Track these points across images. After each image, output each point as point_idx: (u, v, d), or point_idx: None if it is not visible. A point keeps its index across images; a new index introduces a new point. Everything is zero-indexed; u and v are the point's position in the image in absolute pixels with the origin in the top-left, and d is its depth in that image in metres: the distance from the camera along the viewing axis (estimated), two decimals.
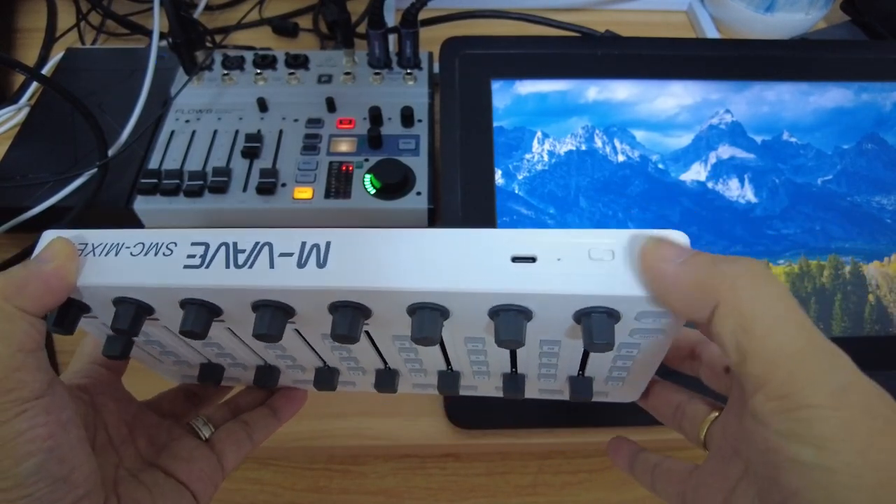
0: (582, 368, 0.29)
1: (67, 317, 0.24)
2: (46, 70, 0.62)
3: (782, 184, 0.49)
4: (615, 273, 0.21)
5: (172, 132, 0.52)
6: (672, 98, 0.51)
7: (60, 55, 0.61)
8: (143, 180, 0.48)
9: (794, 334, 0.19)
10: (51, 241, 0.24)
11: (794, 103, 0.51)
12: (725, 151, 0.50)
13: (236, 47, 0.65)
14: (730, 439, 0.24)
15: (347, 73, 0.57)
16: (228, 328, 0.26)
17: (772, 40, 0.60)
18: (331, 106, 0.54)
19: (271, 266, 0.22)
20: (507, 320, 0.22)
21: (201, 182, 0.48)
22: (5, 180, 0.49)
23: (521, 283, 0.21)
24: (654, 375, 0.29)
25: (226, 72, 0.57)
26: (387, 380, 0.30)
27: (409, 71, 0.57)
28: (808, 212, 0.48)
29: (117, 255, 0.23)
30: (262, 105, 0.54)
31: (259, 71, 0.57)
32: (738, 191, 0.48)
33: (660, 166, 0.49)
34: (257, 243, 0.23)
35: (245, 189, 0.49)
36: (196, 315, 0.23)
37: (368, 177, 0.49)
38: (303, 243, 0.23)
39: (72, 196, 0.48)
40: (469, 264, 0.21)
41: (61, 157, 0.51)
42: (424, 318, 0.22)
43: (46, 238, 0.24)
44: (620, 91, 0.51)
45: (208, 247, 0.23)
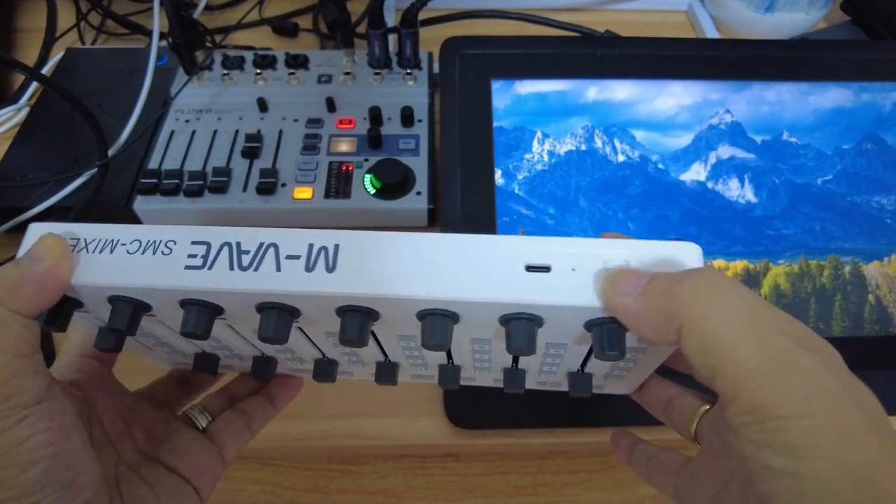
0: (582, 366, 0.29)
1: (60, 314, 0.23)
2: (46, 70, 0.62)
3: (782, 184, 0.49)
4: None
5: (172, 132, 0.52)
6: (672, 98, 0.51)
7: (60, 55, 0.61)
8: (143, 180, 0.48)
9: (754, 349, 0.19)
10: (41, 237, 0.22)
11: (794, 103, 0.51)
12: (725, 151, 0.50)
13: (236, 47, 0.65)
14: (721, 434, 0.24)
15: (347, 73, 0.57)
16: (229, 325, 0.26)
17: (772, 40, 0.60)
18: (331, 106, 0.54)
19: (278, 269, 0.22)
20: (519, 328, 0.21)
21: (201, 182, 0.48)
22: (5, 180, 0.49)
23: (536, 294, 0.21)
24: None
25: (226, 72, 0.57)
26: (387, 372, 0.30)
27: (409, 71, 0.57)
28: (807, 212, 0.48)
29: (112, 252, 0.22)
30: (262, 105, 0.54)
31: (259, 71, 0.57)
32: (738, 191, 0.48)
33: (660, 166, 0.49)
34: (262, 244, 0.22)
35: (245, 189, 0.49)
36: (198, 316, 0.22)
37: (368, 177, 0.49)
38: (310, 245, 0.22)
39: (72, 196, 0.48)
40: (483, 272, 0.21)
41: (61, 157, 0.51)
42: (436, 324, 0.21)
43: (34, 233, 0.23)
44: (620, 91, 0.51)
45: (210, 246, 0.22)
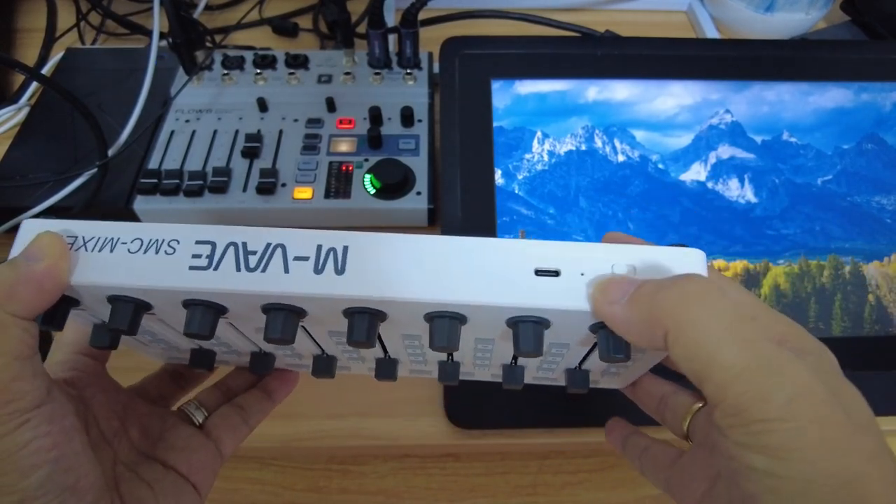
0: (581, 363, 0.29)
1: (57, 314, 0.22)
2: (46, 70, 0.62)
3: (782, 184, 0.49)
4: None
5: (172, 132, 0.52)
6: (672, 98, 0.51)
7: (60, 55, 0.61)
8: (142, 180, 0.48)
9: (738, 353, 0.19)
10: (38, 235, 0.22)
11: (794, 103, 0.51)
12: (725, 151, 0.50)
13: (236, 47, 0.65)
14: (711, 433, 0.24)
15: (347, 73, 0.57)
16: (231, 323, 0.26)
17: (772, 40, 0.60)
18: (331, 106, 0.54)
19: (286, 270, 0.21)
20: (527, 331, 0.21)
21: (201, 182, 0.48)
22: (5, 180, 0.49)
23: (545, 299, 0.21)
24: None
25: (226, 72, 0.57)
26: (387, 368, 0.30)
27: (409, 71, 0.57)
28: (807, 212, 0.48)
29: (113, 251, 0.22)
30: (262, 105, 0.54)
31: (259, 71, 0.57)
32: (737, 191, 0.48)
33: (660, 166, 0.49)
34: (269, 244, 0.22)
35: (245, 189, 0.49)
36: (202, 316, 0.22)
37: (368, 177, 0.49)
38: (319, 246, 0.22)
39: (72, 196, 0.48)
40: (492, 276, 0.21)
41: (61, 157, 0.51)
42: (444, 326, 0.22)
43: (29, 229, 0.22)
44: (620, 91, 0.51)
45: (215, 246, 0.22)
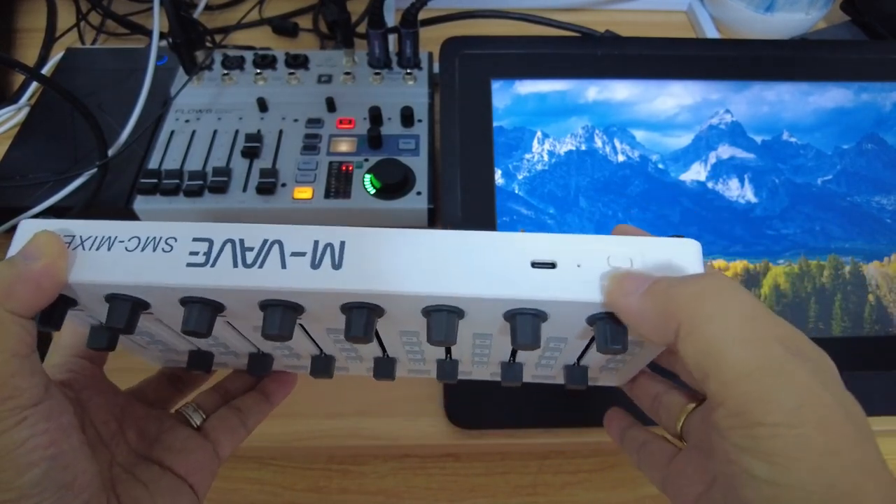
0: (579, 359, 0.29)
1: (55, 313, 0.23)
2: (46, 70, 0.62)
3: (782, 184, 0.49)
4: None
5: (172, 132, 0.52)
6: (672, 98, 0.51)
7: (60, 55, 0.61)
8: (142, 180, 0.48)
9: (749, 354, 0.19)
10: (35, 234, 0.22)
11: (794, 103, 0.51)
12: (725, 151, 0.50)
13: (236, 47, 0.65)
14: (708, 436, 0.24)
15: (347, 73, 0.57)
16: (228, 322, 0.26)
17: (772, 40, 0.60)
18: (331, 106, 0.54)
19: (283, 266, 0.21)
20: (525, 324, 0.22)
21: (201, 182, 0.48)
22: (5, 180, 0.49)
23: (542, 291, 0.21)
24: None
25: (226, 72, 0.57)
26: (385, 367, 0.30)
27: (409, 71, 0.57)
28: (807, 212, 0.48)
29: (110, 249, 0.22)
30: (262, 105, 0.54)
31: (259, 71, 0.57)
32: (738, 191, 0.48)
33: (660, 166, 0.49)
34: (266, 241, 0.22)
35: (245, 189, 0.49)
36: (199, 314, 0.22)
37: (368, 177, 0.49)
38: (316, 242, 0.22)
39: (72, 196, 0.48)
40: (489, 269, 0.21)
41: (61, 157, 0.51)
42: (441, 320, 0.22)
43: (27, 229, 0.22)
44: (620, 91, 0.51)
45: (212, 244, 0.22)
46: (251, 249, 0.22)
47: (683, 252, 0.22)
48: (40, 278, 0.21)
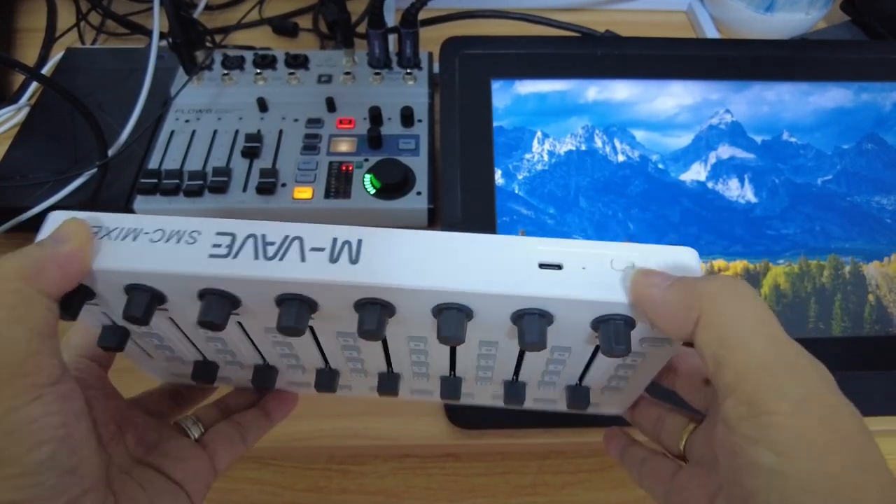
0: (581, 378, 0.29)
1: (73, 302, 0.23)
2: (46, 70, 0.62)
3: (782, 184, 0.49)
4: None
5: (172, 132, 0.52)
6: (672, 98, 0.51)
7: (60, 55, 0.61)
8: (142, 180, 0.48)
9: (764, 347, 0.20)
10: (65, 221, 0.23)
11: (794, 103, 0.51)
12: (725, 151, 0.50)
13: (236, 47, 0.65)
14: (711, 449, 0.25)
15: (347, 73, 0.57)
16: (240, 323, 0.26)
17: (772, 40, 0.60)
18: (331, 106, 0.54)
19: (303, 259, 0.22)
20: (532, 323, 0.22)
21: (201, 182, 0.48)
22: (5, 180, 0.49)
23: (549, 288, 0.22)
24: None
25: (226, 72, 0.57)
26: (389, 383, 0.30)
27: (409, 71, 0.57)
28: (807, 212, 0.48)
29: (135, 240, 0.23)
30: (262, 105, 0.54)
31: (259, 71, 0.57)
32: (738, 191, 0.48)
33: (660, 166, 0.49)
34: (287, 237, 0.23)
35: (245, 189, 0.49)
36: (217, 306, 0.23)
37: (368, 177, 0.49)
38: (334, 239, 0.23)
39: (72, 196, 0.48)
40: (498, 268, 0.22)
41: (61, 157, 0.51)
42: (451, 318, 0.22)
43: (56, 219, 0.23)
44: (620, 91, 0.51)
45: (235, 237, 0.23)
46: (272, 244, 0.23)
47: (682, 258, 0.23)
48: (68, 261, 0.22)
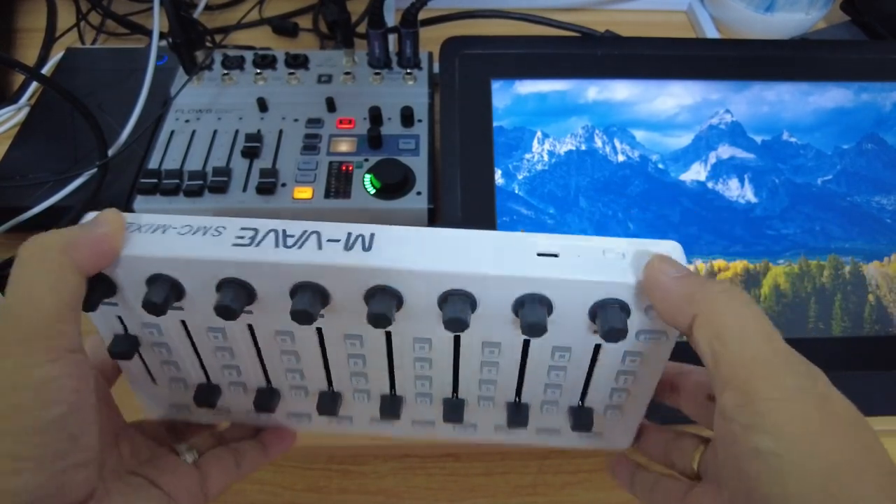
0: (583, 398, 0.30)
1: (94, 292, 0.24)
2: (46, 70, 0.62)
3: (782, 184, 0.49)
4: (626, 268, 0.24)
5: (172, 132, 0.52)
6: (672, 98, 0.51)
7: (60, 55, 0.61)
8: (142, 180, 0.48)
9: (759, 343, 0.21)
10: (103, 211, 0.25)
11: (794, 103, 0.51)
12: (725, 151, 0.50)
13: (236, 47, 0.65)
14: (718, 462, 0.25)
15: (347, 73, 0.57)
16: (249, 325, 0.27)
17: (772, 40, 0.60)
18: (331, 106, 0.54)
19: (319, 248, 0.24)
20: (533, 305, 0.24)
21: (201, 182, 0.48)
22: (5, 180, 0.49)
23: (547, 271, 0.24)
24: (643, 419, 0.31)
25: (226, 72, 0.57)
26: (392, 406, 0.31)
27: (409, 71, 0.57)
28: (807, 212, 0.48)
29: (164, 233, 0.25)
30: (262, 105, 0.54)
31: (259, 71, 0.57)
32: (737, 191, 0.48)
33: (660, 166, 0.49)
34: (305, 231, 0.25)
35: (245, 189, 0.49)
36: (234, 293, 0.24)
37: (368, 177, 0.49)
38: (349, 233, 0.25)
39: (72, 196, 0.48)
40: (500, 256, 0.24)
41: (61, 157, 0.51)
42: (456, 303, 0.24)
43: (92, 214, 0.25)
44: (620, 91, 0.51)
45: (258, 231, 0.25)
46: (292, 236, 0.25)
47: (667, 251, 0.25)
48: (101, 241, 0.24)
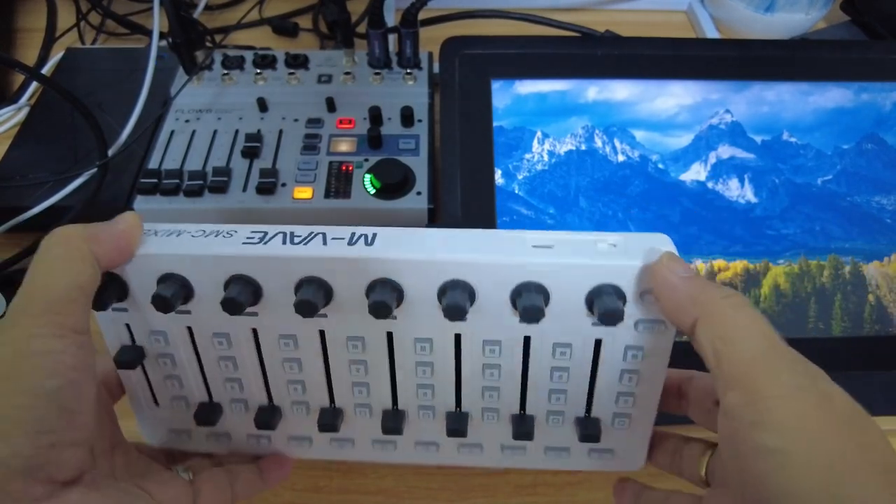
0: (589, 407, 0.30)
1: (106, 290, 0.25)
2: (46, 70, 0.62)
3: (782, 184, 0.49)
4: (617, 255, 0.25)
5: (172, 132, 0.52)
6: (672, 98, 0.51)
7: (60, 55, 0.61)
8: (142, 180, 0.48)
9: (761, 343, 0.22)
10: (124, 213, 0.26)
11: (794, 103, 0.51)
12: (725, 151, 0.50)
13: (236, 47, 0.65)
14: (726, 467, 0.25)
15: (347, 73, 0.57)
16: (254, 329, 0.28)
17: (772, 40, 0.60)
18: (331, 106, 0.54)
19: (324, 244, 0.26)
20: (530, 294, 0.25)
21: (201, 182, 0.48)
22: (5, 180, 0.49)
23: (542, 257, 0.25)
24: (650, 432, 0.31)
25: (226, 72, 0.57)
26: (394, 421, 0.31)
27: (409, 71, 0.57)
28: (807, 212, 0.48)
29: (179, 236, 0.26)
30: (262, 105, 0.54)
31: (259, 71, 0.57)
32: (737, 191, 0.48)
33: (660, 166, 0.49)
34: (312, 232, 0.27)
35: (245, 189, 0.49)
36: (241, 288, 0.26)
37: (368, 177, 0.49)
38: (353, 232, 0.26)
39: (72, 196, 0.48)
40: (497, 248, 0.26)
41: (61, 157, 0.51)
42: (456, 292, 0.25)
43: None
44: (620, 91, 0.51)
45: (267, 233, 0.27)
46: (299, 236, 0.26)
47: (657, 242, 0.26)
48: (120, 237, 0.25)
